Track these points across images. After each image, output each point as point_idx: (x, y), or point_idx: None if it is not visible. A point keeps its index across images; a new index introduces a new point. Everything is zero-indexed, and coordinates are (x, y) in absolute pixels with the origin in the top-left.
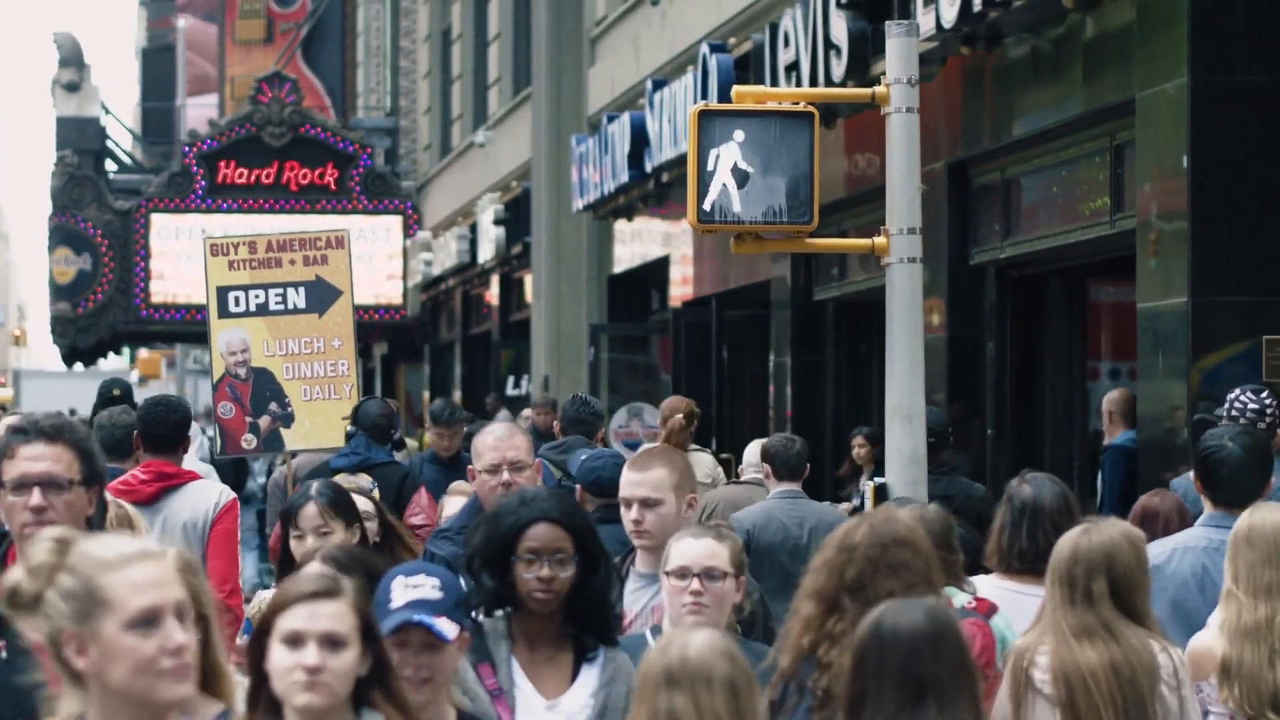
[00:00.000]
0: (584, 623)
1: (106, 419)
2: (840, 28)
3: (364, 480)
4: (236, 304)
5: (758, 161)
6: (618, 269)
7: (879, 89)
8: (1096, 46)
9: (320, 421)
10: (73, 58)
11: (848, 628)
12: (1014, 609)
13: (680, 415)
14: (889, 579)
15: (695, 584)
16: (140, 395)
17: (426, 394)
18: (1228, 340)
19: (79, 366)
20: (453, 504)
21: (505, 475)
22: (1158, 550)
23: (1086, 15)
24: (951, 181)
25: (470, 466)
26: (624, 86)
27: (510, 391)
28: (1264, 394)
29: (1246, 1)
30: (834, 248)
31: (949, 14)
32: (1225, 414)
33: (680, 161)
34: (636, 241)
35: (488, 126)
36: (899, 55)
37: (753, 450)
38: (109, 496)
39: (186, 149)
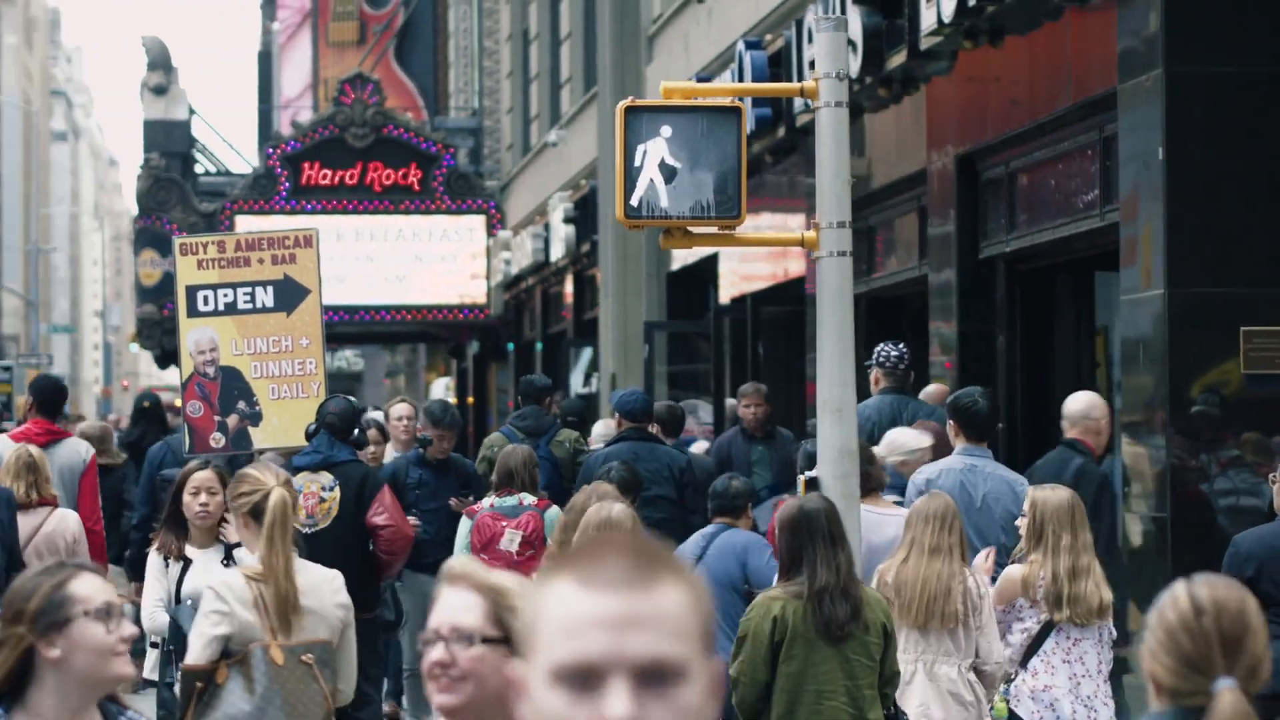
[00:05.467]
0: None
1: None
2: (855, 22)
3: (325, 478)
4: (205, 303)
5: (685, 157)
6: (675, 266)
7: (808, 83)
8: (1084, 39)
9: (288, 419)
10: (160, 61)
11: None
12: None
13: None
14: None
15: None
16: None
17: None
18: (1205, 331)
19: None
20: None
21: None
22: (931, 469)
23: (1077, 7)
24: (960, 175)
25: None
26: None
27: (582, 390)
28: (901, 345)
29: None
30: (762, 242)
31: (947, 8)
32: (874, 362)
33: None
34: None
35: (560, 125)
36: (828, 50)
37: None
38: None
39: (270, 151)
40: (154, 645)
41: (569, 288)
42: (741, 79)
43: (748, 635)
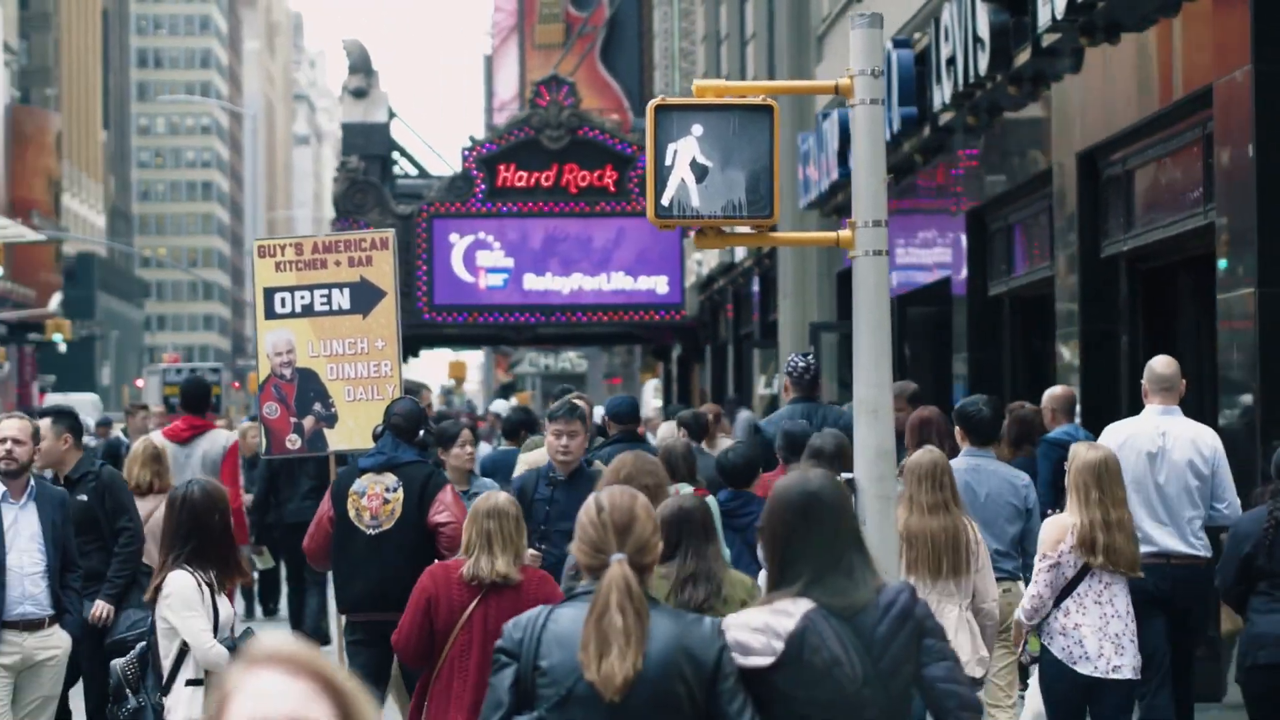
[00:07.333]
0: None
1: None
2: (984, 21)
3: (389, 479)
4: (283, 305)
5: (716, 156)
6: (844, 265)
7: (843, 81)
8: (1189, 34)
9: (363, 421)
10: (361, 64)
11: None
12: None
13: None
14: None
15: None
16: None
17: (708, 392)
18: None
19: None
20: None
21: None
22: None
23: (1189, 2)
24: (1081, 173)
25: None
26: None
27: (763, 391)
28: (809, 355)
29: None
30: (798, 241)
31: (1060, 5)
32: (785, 371)
33: None
34: None
35: None
36: (862, 47)
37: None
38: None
39: (467, 153)
40: (194, 683)
41: (755, 289)
42: (890, 77)
43: None
